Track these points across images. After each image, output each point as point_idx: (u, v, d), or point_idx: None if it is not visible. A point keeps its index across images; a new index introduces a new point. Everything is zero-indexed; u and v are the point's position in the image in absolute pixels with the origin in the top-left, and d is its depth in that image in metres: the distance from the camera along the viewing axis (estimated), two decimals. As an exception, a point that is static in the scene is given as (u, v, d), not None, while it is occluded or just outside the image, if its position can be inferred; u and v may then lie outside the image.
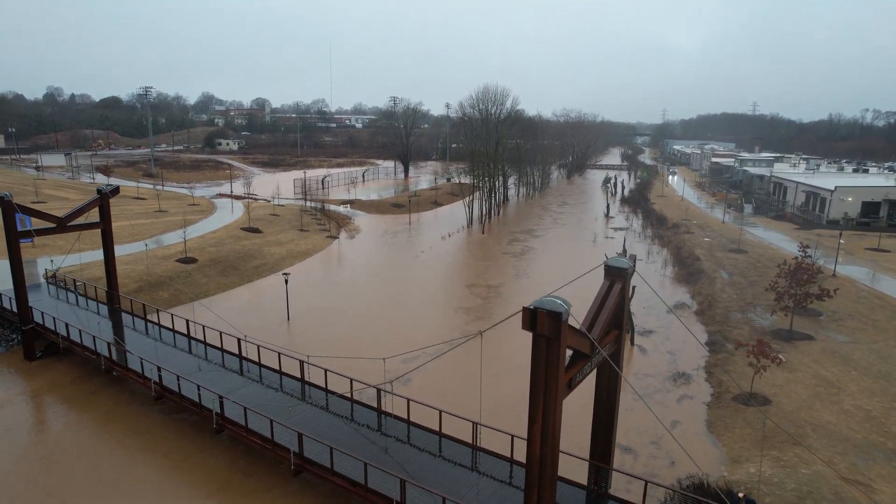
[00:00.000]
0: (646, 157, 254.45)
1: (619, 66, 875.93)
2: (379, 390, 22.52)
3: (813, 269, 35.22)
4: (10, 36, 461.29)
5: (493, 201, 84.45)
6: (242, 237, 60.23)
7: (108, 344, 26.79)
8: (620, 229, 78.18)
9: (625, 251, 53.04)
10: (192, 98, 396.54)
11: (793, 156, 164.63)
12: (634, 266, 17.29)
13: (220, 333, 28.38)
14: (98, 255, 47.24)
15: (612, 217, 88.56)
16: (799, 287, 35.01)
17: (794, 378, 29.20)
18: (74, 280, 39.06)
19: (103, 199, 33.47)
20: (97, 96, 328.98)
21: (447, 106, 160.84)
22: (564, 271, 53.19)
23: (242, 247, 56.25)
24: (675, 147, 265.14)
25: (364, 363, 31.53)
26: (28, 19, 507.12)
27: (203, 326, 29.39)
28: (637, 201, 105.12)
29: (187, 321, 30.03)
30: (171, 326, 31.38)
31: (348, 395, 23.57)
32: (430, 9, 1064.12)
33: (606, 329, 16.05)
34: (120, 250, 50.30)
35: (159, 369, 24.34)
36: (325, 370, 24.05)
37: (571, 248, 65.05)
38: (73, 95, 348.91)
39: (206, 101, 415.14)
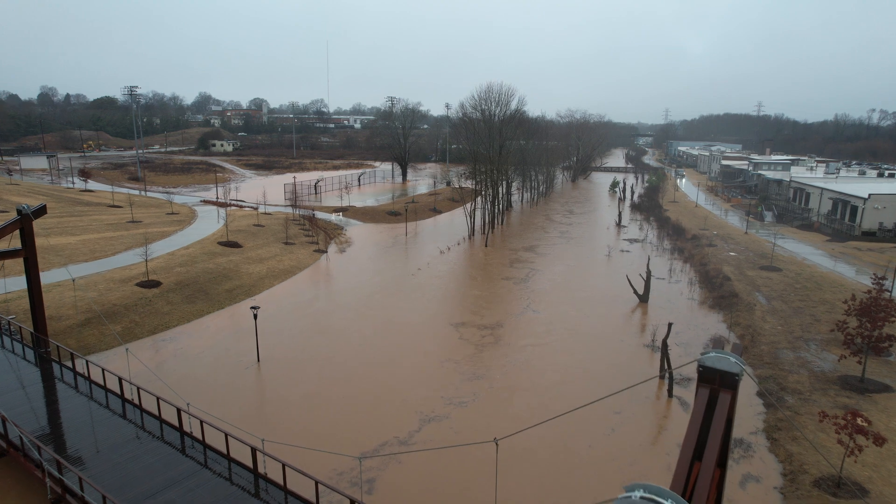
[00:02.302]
0: (650, 159, 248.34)
1: (619, 66, 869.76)
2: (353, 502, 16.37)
3: (891, 305, 29.05)
4: (6, 36, 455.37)
5: (496, 209, 78.24)
6: (218, 253, 54.00)
7: (2, 418, 20.65)
8: (635, 241, 71.99)
9: (649, 273, 46.80)
10: (189, 98, 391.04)
11: (806, 158, 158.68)
12: (743, 363, 10.98)
13: (158, 400, 22.20)
14: (48, 277, 41.19)
15: (625, 226, 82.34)
16: (875, 328, 28.86)
17: (890, 453, 23.04)
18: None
19: (24, 221, 27.30)
20: (93, 97, 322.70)
21: (447, 106, 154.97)
22: (576, 302, 46.06)
23: (217, 265, 50.04)
24: (680, 148, 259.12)
25: (335, 426, 25.47)
26: (25, 20, 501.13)
27: (139, 389, 23.15)
28: (649, 208, 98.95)
29: (120, 379, 23.83)
30: (105, 382, 25.19)
31: (313, 497, 17.50)
32: (430, 8, 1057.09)
33: (710, 471, 9.89)
34: (74, 271, 44.14)
35: (59, 465, 18.12)
36: (284, 465, 17.90)
37: (582, 269, 57.84)
38: (67, 95, 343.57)
39: (204, 102, 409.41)
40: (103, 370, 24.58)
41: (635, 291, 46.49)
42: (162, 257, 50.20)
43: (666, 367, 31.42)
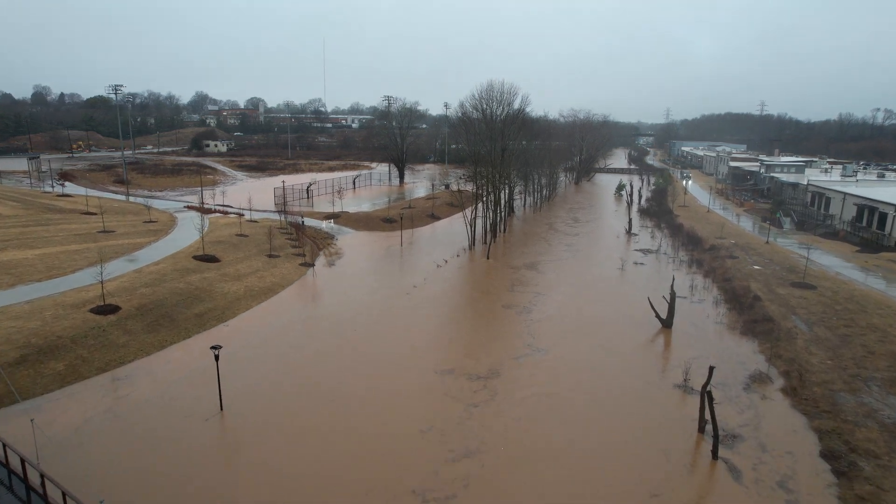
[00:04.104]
0: (652, 160, 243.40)
1: (620, 65, 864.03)
2: None
3: None
4: (1, 33, 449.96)
5: (498, 217, 73.03)
6: (192, 269, 48.74)
7: None
8: (648, 251, 66.75)
9: (673, 295, 41.53)
10: (186, 98, 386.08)
11: (817, 159, 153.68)
12: None
13: (64, 496, 17.03)
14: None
15: (636, 234, 77.12)
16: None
17: None
18: None
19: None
20: (88, 96, 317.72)
21: (445, 106, 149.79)
22: (588, 333, 39.76)
23: (188, 284, 44.76)
24: (683, 148, 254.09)
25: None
26: (20, 17, 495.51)
27: (42, 477, 17.99)
28: (658, 213, 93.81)
29: (23, 461, 18.65)
30: (7, 459, 20.00)
31: None
32: (432, 7, 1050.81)
33: None
34: (21, 293, 38.98)
35: None
36: None
37: (593, 289, 50.70)
38: (62, 95, 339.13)
39: (200, 101, 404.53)
40: (4, 445, 19.38)
41: (657, 315, 41.24)
42: (127, 275, 44.94)
43: (707, 419, 26.20)
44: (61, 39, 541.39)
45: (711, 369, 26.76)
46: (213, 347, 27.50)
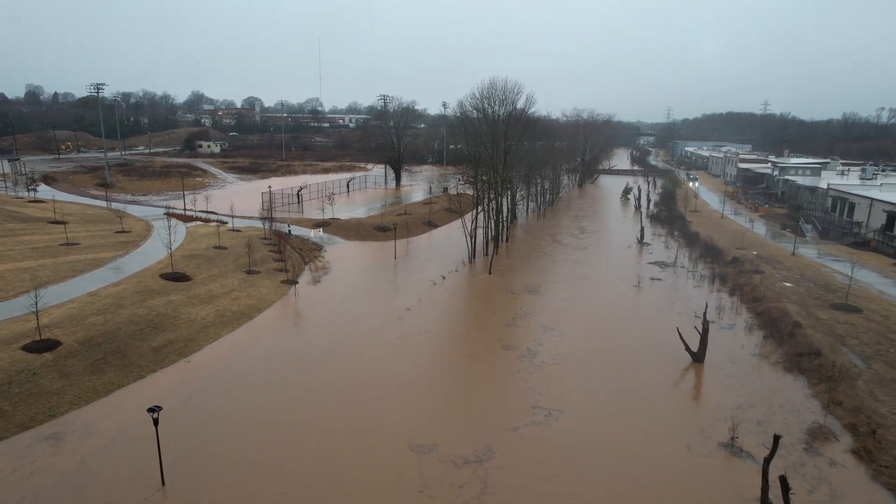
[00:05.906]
0: (655, 160, 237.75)
1: (621, 64, 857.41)
2: None
3: None
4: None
5: (500, 226, 67.46)
6: (157, 291, 43.11)
7: None
8: (664, 264, 61.06)
9: (706, 324, 35.90)
10: (181, 97, 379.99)
11: (829, 160, 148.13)
12: None
13: None
14: None
15: (648, 244, 71.55)
16: None
17: None
18: None
19: None
20: (81, 95, 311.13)
21: (444, 105, 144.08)
22: (606, 378, 33.68)
23: (149, 310, 39.12)
24: (687, 149, 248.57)
25: None
26: (18, 18, 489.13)
27: None
28: (669, 219, 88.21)
29: None
30: None
31: None
32: (428, 8, 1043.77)
33: None
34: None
35: None
36: None
37: (608, 316, 43.57)
38: (55, 94, 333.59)
39: (196, 101, 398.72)
40: None
41: (687, 349, 35.69)
42: (78, 300, 39.30)
43: (772, 502, 20.70)
44: (59, 39, 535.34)
45: (777, 440, 21.21)
46: (151, 410, 21.81)
